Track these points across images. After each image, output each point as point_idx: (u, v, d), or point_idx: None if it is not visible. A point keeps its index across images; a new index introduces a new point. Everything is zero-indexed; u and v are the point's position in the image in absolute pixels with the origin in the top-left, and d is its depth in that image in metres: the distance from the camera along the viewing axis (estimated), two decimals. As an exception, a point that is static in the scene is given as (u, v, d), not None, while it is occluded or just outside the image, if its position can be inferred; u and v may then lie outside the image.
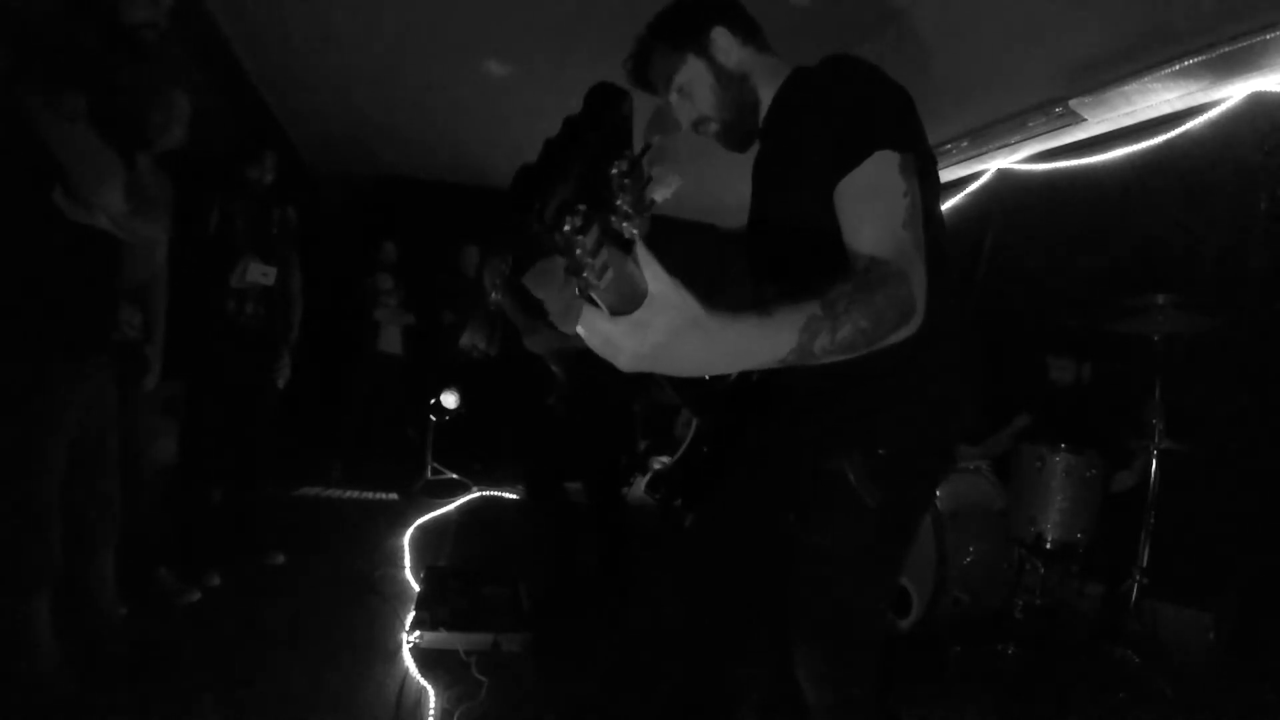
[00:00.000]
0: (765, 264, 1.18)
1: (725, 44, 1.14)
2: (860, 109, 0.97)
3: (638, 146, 0.70)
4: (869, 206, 0.91)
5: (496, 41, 3.44)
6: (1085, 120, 3.27)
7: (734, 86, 1.15)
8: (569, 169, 0.60)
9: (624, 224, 0.59)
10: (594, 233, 0.58)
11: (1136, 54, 2.75)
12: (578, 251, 0.58)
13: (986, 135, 3.64)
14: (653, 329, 0.66)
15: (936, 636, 2.54)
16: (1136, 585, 2.49)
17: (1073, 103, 3.13)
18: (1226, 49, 2.53)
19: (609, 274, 0.61)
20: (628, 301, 0.65)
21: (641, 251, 0.64)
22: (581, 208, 0.57)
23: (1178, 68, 2.69)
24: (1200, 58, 2.61)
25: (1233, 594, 2.51)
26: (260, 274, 2.66)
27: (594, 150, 0.61)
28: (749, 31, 1.17)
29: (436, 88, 4.04)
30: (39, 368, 1.51)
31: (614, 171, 0.59)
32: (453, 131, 4.80)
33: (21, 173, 1.40)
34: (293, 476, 4.62)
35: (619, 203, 0.59)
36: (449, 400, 4.84)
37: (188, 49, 1.77)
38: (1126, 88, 2.92)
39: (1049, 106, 3.23)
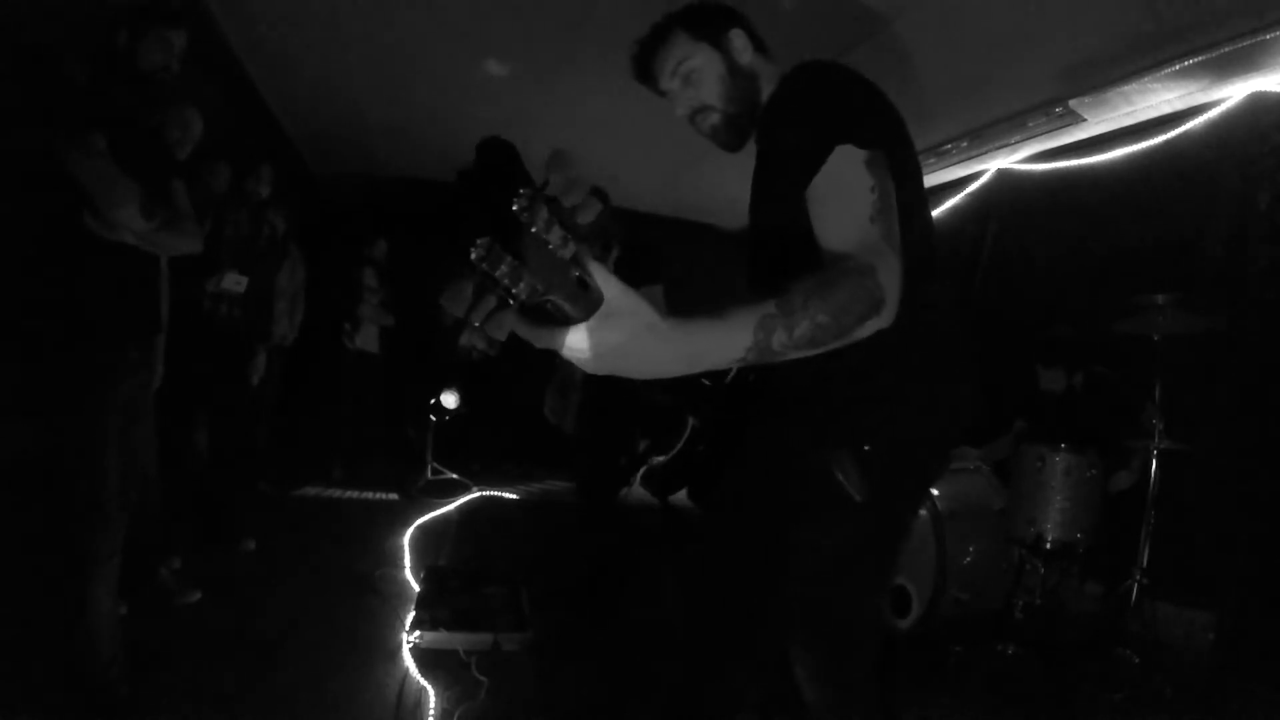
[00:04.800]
0: (758, 270, 1.19)
1: (741, 44, 1.18)
2: (821, 109, 0.99)
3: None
4: (834, 203, 0.93)
5: (496, 41, 3.45)
6: (1085, 120, 3.27)
7: (743, 82, 1.18)
8: (471, 215, 0.69)
9: (550, 244, 0.67)
10: (506, 261, 0.65)
11: (1136, 54, 2.74)
12: (499, 279, 0.65)
13: (986, 135, 3.63)
14: (608, 333, 0.71)
15: (936, 636, 2.54)
16: (1136, 585, 2.49)
17: (1073, 103, 3.13)
18: (1226, 49, 2.53)
19: (539, 290, 0.67)
20: (583, 310, 0.70)
21: (593, 263, 0.70)
22: (480, 242, 0.64)
23: (1178, 68, 2.69)
24: (1200, 58, 2.61)
25: (1233, 594, 2.51)
26: (234, 282, 2.89)
27: (493, 194, 0.69)
28: (760, 43, 1.21)
29: (436, 88, 4.04)
30: (99, 357, 1.71)
31: (514, 208, 0.65)
32: (453, 131, 4.79)
33: (72, 200, 1.66)
34: (293, 476, 4.62)
35: (535, 230, 0.66)
36: (449, 400, 4.84)
37: (190, 52, 1.86)
38: (1126, 88, 2.91)
39: (1049, 106, 3.23)
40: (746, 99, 1.18)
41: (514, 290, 0.66)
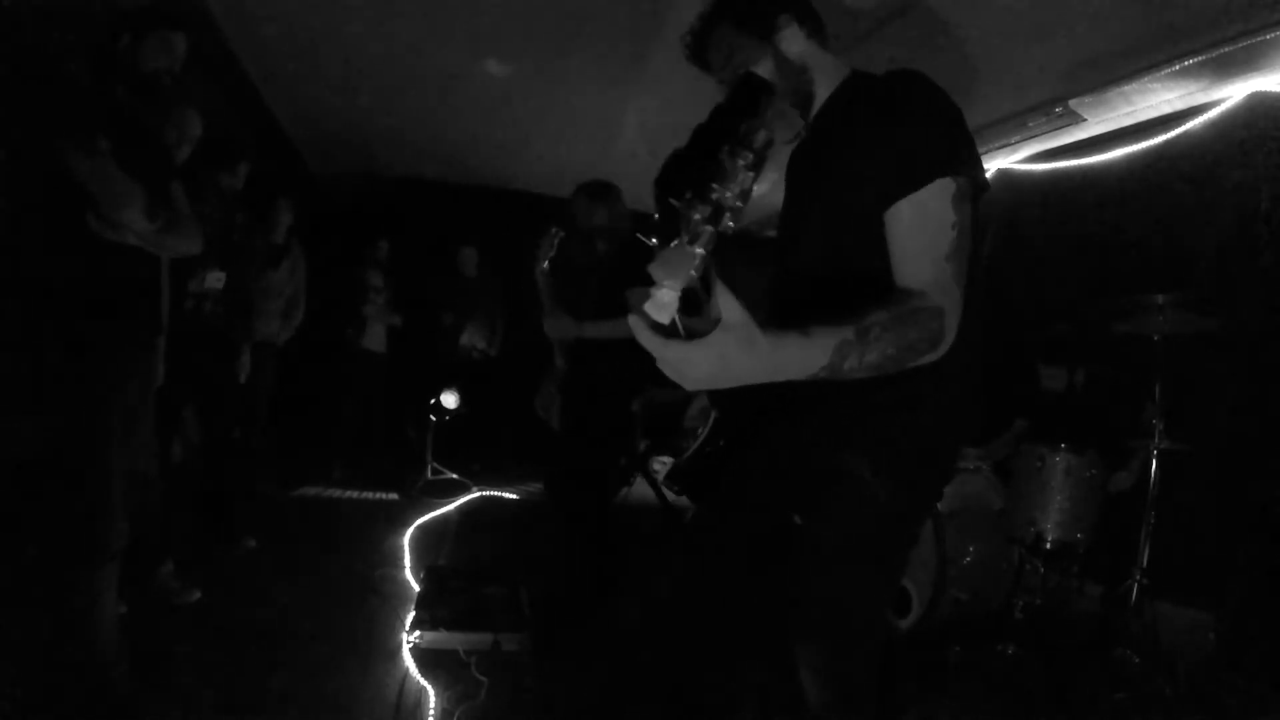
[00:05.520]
0: (797, 259, 1.17)
1: (790, 33, 1.14)
2: (925, 131, 0.98)
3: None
4: (919, 235, 0.95)
5: (496, 41, 3.45)
6: (1085, 120, 3.26)
7: (793, 76, 1.15)
8: (708, 157, 0.65)
9: (725, 214, 0.65)
10: (710, 232, 0.64)
11: (1136, 54, 2.74)
12: (697, 246, 0.65)
13: (986, 135, 3.63)
14: (727, 346, 0.74)
15: (936, 636, 2.54)
16: (1136, 585, 2.49)
17: (1073, 103, 3.12)
18: (1226, 49, 2.53)
19: (707, 266, 0.67)
20: (705, 325, 0.74)
21: (716, 282, 0.73)
22: (714, 196, 0.63)
23: (1178, 68, 2.68)
24: (1200, 58, 2.60)
25: (1233, 594, 2.50)
26: (215, 280, 2.90)
27: (729, 141, 0.66)
28: (813, 26, 1.17)
29: (436, 88, 4.04)
30: (102, 358, 1.71)
31: (740, 163, 0.63)
32: (453, 131, 4.80)
33: (74, 201, 1.66)
34: (293, 476, 4.62)
35: (728, 195, 0.64)
36: (449, 400, 4.84)
37: (191, 53, 1.86)
38: (1126, 88, 2.91)
39: (1049, 106, 3.23)
40: (798, 92, 1.16)
41: (697, 255, 0.65)
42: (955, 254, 0.94)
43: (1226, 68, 2.66)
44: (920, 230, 0.95)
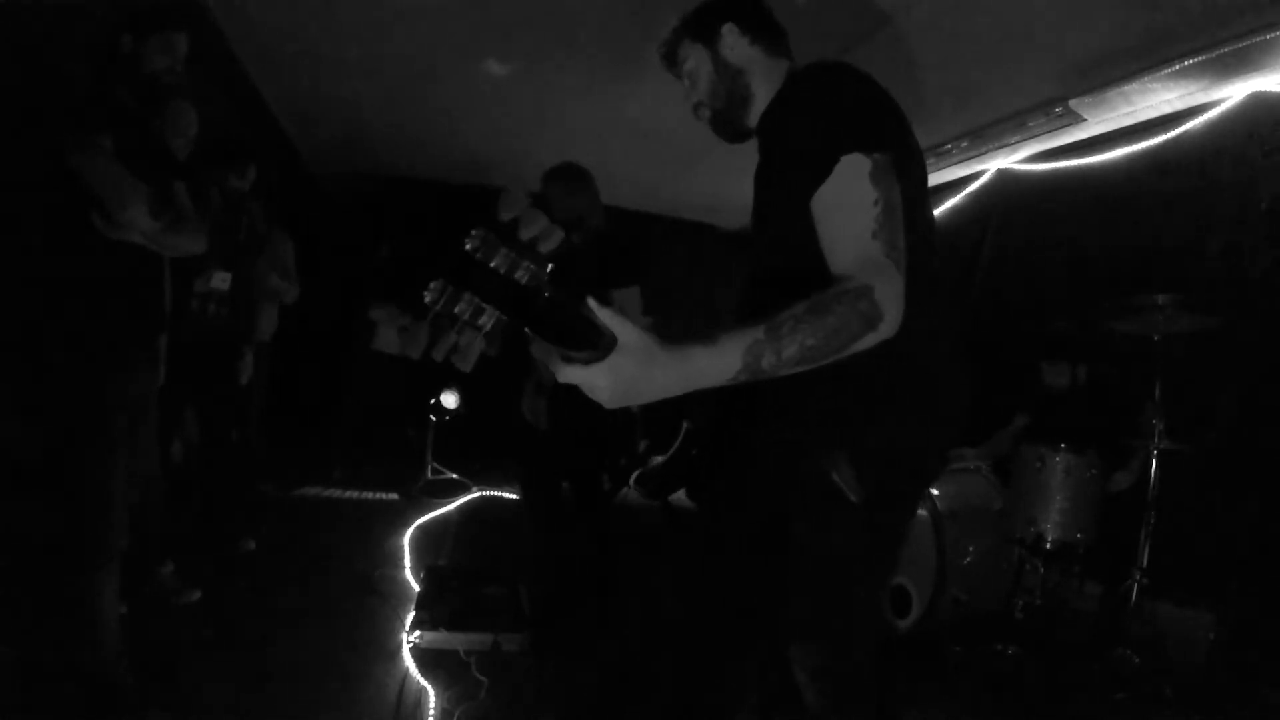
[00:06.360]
0: (762, 271, 1.19)
1: (731, 40, 1.21)
2: (827, 115, 1.00)
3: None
4: (838, 220, 0.95)
5: (496, 41, 3.45)
6: (1085, 120, 3.26)
7: (728, 79, 1.22)
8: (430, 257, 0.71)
9: (515, 275, 0.70)
10: (465, 299, 0.69)
11: (1136, 54, 2.74)
12: (459, 315, 0.70)
13: (986, 135, 3.63)
14: (623, 368, 0.78)
15: (936, 636, 2.54)
16: (1136, 585, 2.49)
17: (1073, 103, 3.13)
18: (1226, 49, 2.53)
19: (504, 320, 0.72)
20: (601, 350, 0.78)
21: (596, 306, 0.77)
22: (433, 285, 0.69)
23: (1178, 68, 2.68)
24: (1200, 58, 2.61)
25: (1233, 594, 2.50)
26: (220, 280, 2.90)
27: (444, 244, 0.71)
28: (760, 32, 1.23)
29: (436, 88, 4.04)
30: (105, 357, 1.72)
31: (468, 247, 0.69)
32: (453, 132, 4.80)
33: (77, 201, 1.67)
34: (293, 476, 4.62)
35: (494, 265, 0.69)
36: (449, 400, 4.84)
37: (191, 52, 1.86)
38: (1126, 88, 2.91)
39: (1049, 106, 3.23)
40: (733, 94, 1.22)
41: (479, 323, 0.70)
42: (883, 230, 0.92)
43: (1226, 68, 2.66)
44: (839, 214, 0.94)
